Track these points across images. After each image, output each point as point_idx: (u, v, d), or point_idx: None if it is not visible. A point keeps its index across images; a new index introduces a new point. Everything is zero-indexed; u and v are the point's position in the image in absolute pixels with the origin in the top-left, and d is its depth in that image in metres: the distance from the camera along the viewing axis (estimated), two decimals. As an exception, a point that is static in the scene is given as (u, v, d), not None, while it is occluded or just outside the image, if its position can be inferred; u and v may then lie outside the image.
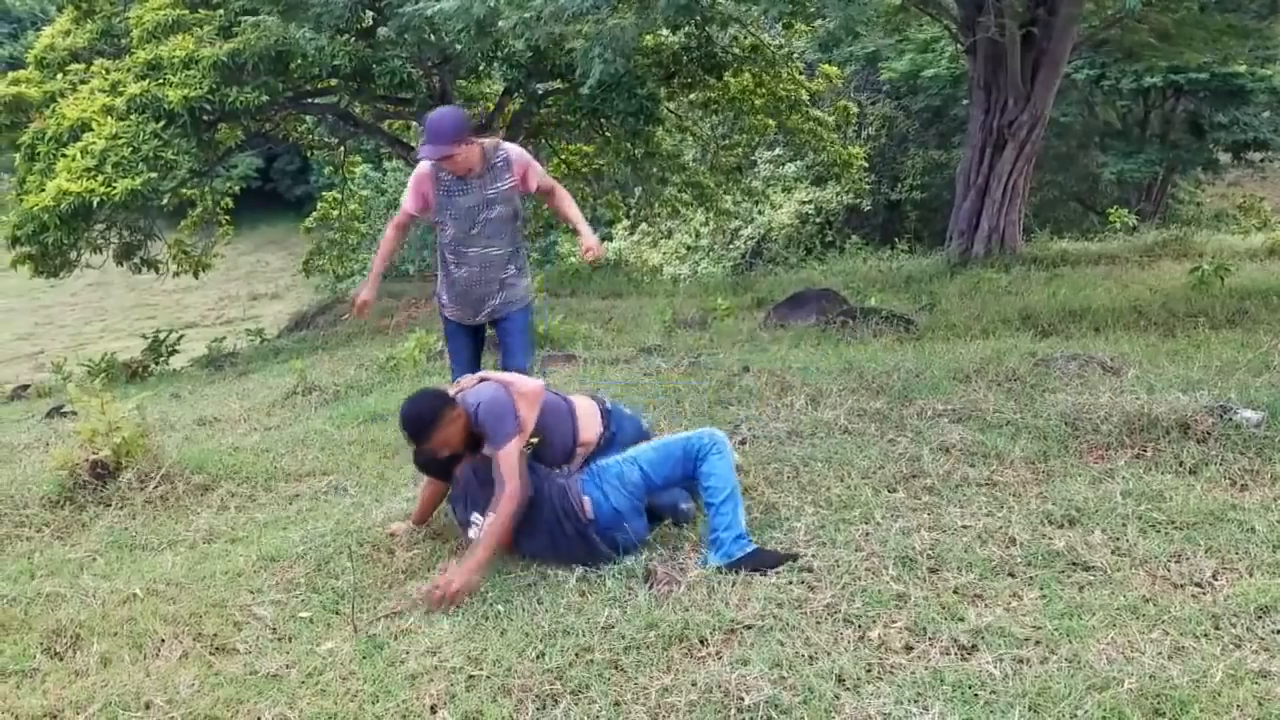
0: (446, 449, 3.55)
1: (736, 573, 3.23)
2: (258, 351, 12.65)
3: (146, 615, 3.35)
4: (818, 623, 2.91)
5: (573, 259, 20.94)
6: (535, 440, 3.60)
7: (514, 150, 4.35)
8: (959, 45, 12.14)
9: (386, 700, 2.73)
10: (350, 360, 8.30)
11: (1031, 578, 3.10)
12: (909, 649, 2.75)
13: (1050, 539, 3.34)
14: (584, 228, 4.39)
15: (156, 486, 4.56)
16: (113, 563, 3.90)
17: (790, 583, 3.15)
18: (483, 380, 3.67)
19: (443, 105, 13.61)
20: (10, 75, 13.20)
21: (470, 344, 4.66)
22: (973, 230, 11.44)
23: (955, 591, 3.03)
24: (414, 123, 15.69)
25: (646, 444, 3.64)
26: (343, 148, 16.76)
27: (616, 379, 6.08)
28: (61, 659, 3.16)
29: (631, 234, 22.48)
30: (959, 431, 4.33)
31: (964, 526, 3.47)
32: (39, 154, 11.28)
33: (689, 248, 21.41)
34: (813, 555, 3.31)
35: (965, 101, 17.69)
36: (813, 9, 10.34)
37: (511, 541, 3.50)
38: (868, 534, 3.44)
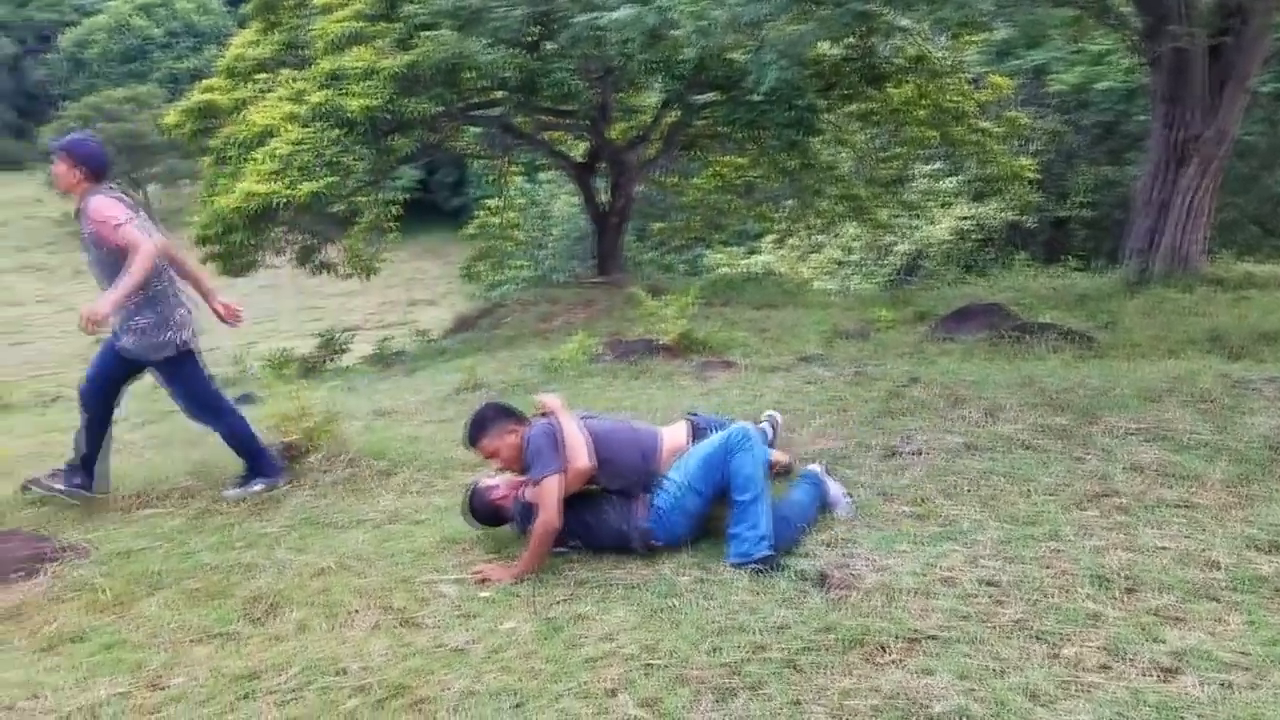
0: (495, 459, 3.88)
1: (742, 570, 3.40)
2: (424, 350, 13.16)
3: (338, 587, 3.54)
4: (1006, 637, 2.82)
5: (724, 269, 20.90)
6: (595, 487, 3.84)
7: (94, 203, 4.38)
8: (1139, 57, 11.55)
9: (567, 680, 2.79)
10: (513, 360, 8.53)
11: (1236, 602, 2.92)
12: (1105, 668, 2.64)
13: (1255, 564, 3.13)
14: (206, 284, 4.61)
15: (343, 469, 4.81)
16: (305, 537, 4.13)
17: (975, 595, 3.06)
18: (550, 416, 3.84)
19: (602, 117, 13.95)
20: (203, 83, 14.02)
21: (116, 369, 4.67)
22: (1151, 248, 10.85)
23: (1154, 613, 2.89)
24: (570, 135, 16.05)
25: (693, 458, 3.75)
26: (504, 159, 17.24)
27: (777, 386, 6.03)
28: (260, 624, 3.36)
29: (780, 247, 22.27)
30: (1151, 451, 4.12)
31: (1160, 548, 3.29)
32: (228, 158, 11.98)
33: (839, 262, 21.05)
34: (999, 570, 3.20)
35: (1141, 117, 16.83)
36: (985, 18, 10.05)
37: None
38: (1057, 551, 3.31)
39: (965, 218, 18.96)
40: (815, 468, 3.97)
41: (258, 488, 4.72)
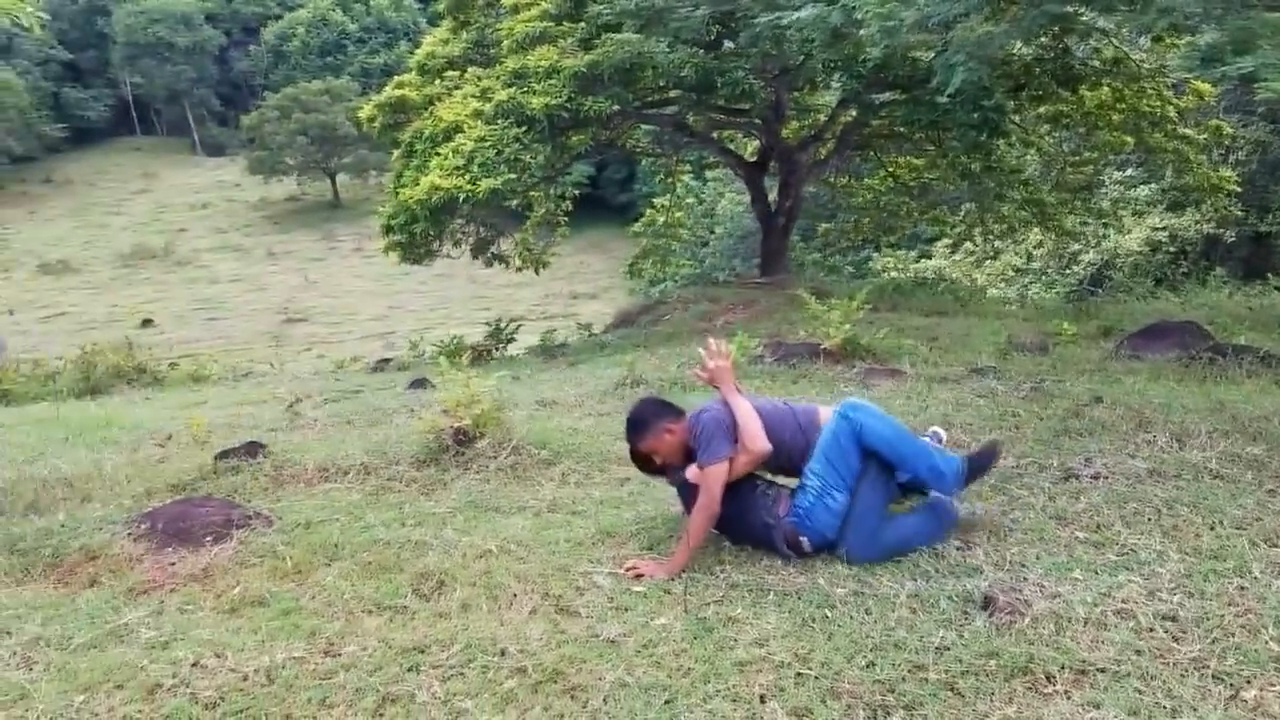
0: (657, 456, 3.86)
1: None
2: (585, 344, 13.43)
3: (500, 570, 3.66)
4: (1182, 675, 2.66)
5: (892, 273, 20.39)
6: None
7: None
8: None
9: (717, 682, 2.80)
10: (672, 358, 8.57)
11: None
12: (1292, 717, 2.46)
13: None
14: None
15: (508, 456, 4.97)
16: (471, 520, 4.29)
17: (1151, 630, 2.89)
18: (721, 396, 3.84)
19: (776, 116, 13.85)
20: (396, 79, 14.70)
21: None
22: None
23: (1351, 664, 2.66)
24: (741, 133, 15.99)
25: (821, 456, 3.68)
26: (675, 157, 17.34)
27: (946, 398, 5.84)
28: (427, 600, 3.51)
29: (954, 252, 21.49)
30: (1357, 489, 3.78)
31: (1363, 594, 3.02)
32: (416, 151, 12.51)
33: (1018, 270, 20.15)
34: (1178, 604, 3.01)
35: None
36: (1191, 22, 9.38)
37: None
38: (1243, 588, 3.09)
39: (1159, 228, 17.82)
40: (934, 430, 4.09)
41: None
